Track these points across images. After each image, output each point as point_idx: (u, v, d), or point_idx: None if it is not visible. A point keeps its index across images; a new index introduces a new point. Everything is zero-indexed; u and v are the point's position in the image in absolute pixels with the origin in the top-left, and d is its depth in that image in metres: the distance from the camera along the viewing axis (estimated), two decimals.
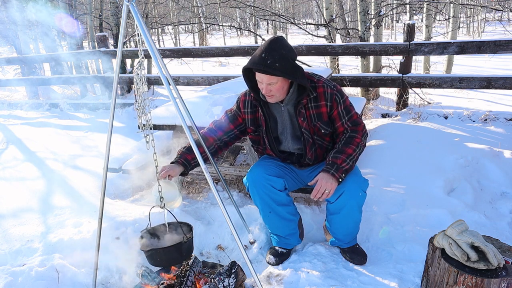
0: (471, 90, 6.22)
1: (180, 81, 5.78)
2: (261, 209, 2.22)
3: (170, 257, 1.89)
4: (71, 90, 8.26)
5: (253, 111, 2.17)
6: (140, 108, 1.83)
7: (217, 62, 13.29)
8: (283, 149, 2.23)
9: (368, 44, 4.81)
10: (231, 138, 2.25)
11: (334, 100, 2.03)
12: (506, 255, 1.75)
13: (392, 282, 1.99)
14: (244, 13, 20.24)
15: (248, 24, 21.71)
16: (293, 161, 2.26)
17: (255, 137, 2.26)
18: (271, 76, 1.89)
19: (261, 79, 1.93)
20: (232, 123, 2.23)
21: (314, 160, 2.20)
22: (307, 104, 2.05)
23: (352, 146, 2.01)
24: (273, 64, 1.84)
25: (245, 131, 2.27)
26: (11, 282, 2.00)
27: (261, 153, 2.36)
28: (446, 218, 2.49)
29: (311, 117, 2.06)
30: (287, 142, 2.19)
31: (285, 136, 2.18)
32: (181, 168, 2.08)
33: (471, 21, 17.45)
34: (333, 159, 1.98)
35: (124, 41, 5.75)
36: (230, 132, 2.24)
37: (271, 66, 1.84)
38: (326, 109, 2.05)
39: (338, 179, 1.94)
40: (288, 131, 2.16)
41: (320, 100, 2.04)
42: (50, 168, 3.50)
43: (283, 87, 1.97)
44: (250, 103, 2.17)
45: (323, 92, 2.03)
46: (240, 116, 2.22)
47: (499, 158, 3.30)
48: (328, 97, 2.03)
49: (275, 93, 1.97)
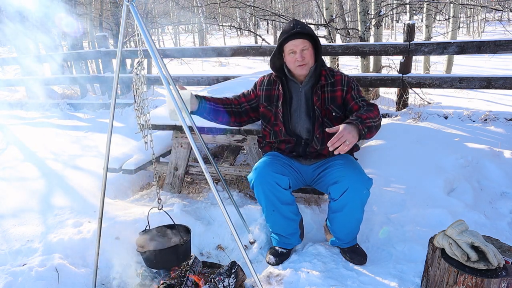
0: (471, 90, 6.22)
1: (180, 81, 5.78)
2: (265, 206, 2.21)
3: (166, 259, 1.88)
4: (71, 90, 8.26)
5: (269, 88, 2.32)
6: (139, 108, 1.83)
7: (217, 62, 13.29)
8: (293, 127, 2.28)
9: (368, 44, 4.81)
10: (241, 111, 2.39)
11: (350, 86, 2.21)
12: (506, 255, 1.75)
13: (392, 282, 1.99)
14: (244, 13, 20.24)
15: (248, 24, 21.69)
16: (299, 152, 2.27)
17: (267, 112, 2.33)
18: (304, 40, 2.10)
19: (295, 46, 2.11)
20: (244, 96, 2.41)
21: (321, 145, 2.22)
22: (324, 87, 2.21)
23: (374, 112, 2.06)
24: (303, 28, 2.10)
25: (256, 108, 2.38)
26: (11, 282, 2.00)
27: (266, 145, 2.39)
28: (446, 218, 2.49)
29: (326, 100, 2.21)
30: (299, 119, 2.26)
31: (297, 114, 2.26)
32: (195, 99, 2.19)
33: (471, 21, 17.45)
34: (357, 115, 1.99)
35: (124, 41, 5.75)
36: (242, 104, 2.39)
37: (303, 30, 2.09)
38: (341, 93, 2.21)
39: (361, 131, 1.87)
40: (301, 109, 2.25)
41: (336, 85, 2.22)
42: (50, 168, 3.50)
43: (312, 55, 2.15)
44: (267, 81, 2.34)
45: (341, 79, 2.23)
46: (254, 92, 2.38)
47: (499, 158, 3.30)
48: (344, 83, 2.22)
49: (308, 60, 2.14)
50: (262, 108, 2.34)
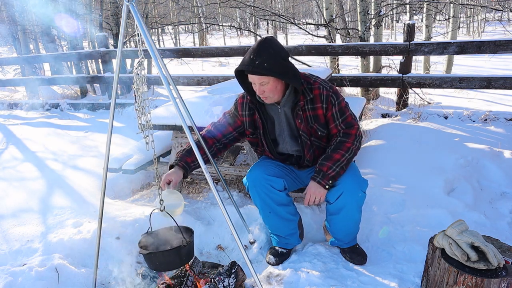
0: (471, 90, 6.22)
1: (180, 81, 5.78)
2: (261, 209, 2.22)
3: (169, 261, 1.87)
4: (71, 90, 8.27)
5: (250, 113, 2.17)
6: (139, 109, 1.82)
7: (217, 62, 13.30)
8: (281, 151, 2.23)
9: (368, 44, 4.81)
10: (230, 140, 2.25)
11: (330, 102, 2.03)
12: (506, 255, 1.75)
13: (392, 282, 1.99)
14: (244, 13, 20.24)
15: (248, 24, 21.69)
16: (292, 162, 2.26)
17: (253, 139, 2.25)
18: (261, 77, 1.90)
19: (253, 80, 1.94)
20: (231, 125, 2.23)
21: (313, 162, 2.19)
22: (304, 106, 2.04)
23: (341, 151, 2.01)
24: (261, 64, 1.84)
25: (243, 133, 2.26)
26: (11, 282, 2.00)
27: (260, 153, 2.36)
28: (446, 218, 2.49)
29: (308, 119, 2.06)
30: (284, 144, 2.19)
31: (282, 138, 2.18)
32: (182, 172, 2.07)
33: (471, 21, 17.45)
34: (320, 166, 2.03)
35: (124, 41, 5.75)
36: (229, 135, 2.24)
37: (259, 66, 1.84)
38: (322, 111, 2.05)
39: (325, 185, 2.00)
40: (285, 133, 2.15)
41: (316, 102, 2.04)
42: (50, 168, 3.50)
43: (276, 87, 1.96)
44: (247, 105, 2.17)
45: (319, 94, 2.03)
46: (238, 118, 2.22)
47: (499, 158, 3.30)
48: (323, 99, 2.03)
49: (268, 94, 1.96)
50: (248, 135, 2.23)
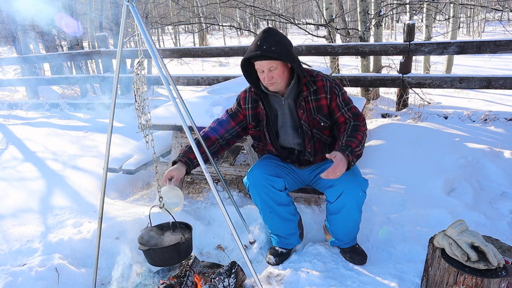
0: (471, 90, 6.22)
1: (180, 81, 5.78)
2: (261, 209, 2.22)
3: (167, 256, 1.89)
4: (71, 90, 8.26)
5: (253, 106, 2.19)
6: (139, 108, 1.83)
7: (217, 62, 13.29)
8: (283, 143, 2.24)
9: (368, 44, 4.81)
10: (233, 135, 2.26)
11: (333, 92, 2.06)
12: (506, 255, 1.75)
13: (392, 282, 1.99)
14: (244, 13, 20.23)
15: (248, 24, 21.68)
16: (293, 160, 2.26)
17: (256, 133, 2.26)
18: (270, 61, 1.91)
19: (261, 66, 1.95)
20: (233, 120, 2.24)
21: (314, 156, 2.19)
22: (307, 97, 2.07)
23: (360, 133, 2.01)
24: (269, 48, 1.87)
25: (246, 128, 2.28)
26: (11, 282, 2.00)
27: (261, 150, 2.36)
28: (446, 218, 2.49)
29: (311, 110, 2.08)
30: (287, 135, 2.19)
31: (285, 130, 2.18)
32: (184, 168, 2.08)
33: (471, 21, 17.44)
34: (347, 142, 1.94)
35: (124, 41, 5.74)
36: (232, 130, 2.25)
37: (267, 50, 1.87)
38: (326, 101, 2.08)
39: (351, 162, 1.89)
40: (288, 125, 2.17)
41: (319, 93, 2.07)
42: (50, 168, 3.50)
43: (284, 72, 1.98)
44: (250, 98, 2.19)
45: (323, 85, 2.06)
46: (241, 112, 2.23)
47: (499, 158, 3.30)
48: (327, 90, 2.06)
49: (276, 79, 1.98)
50: (251, 128, 2.24)
